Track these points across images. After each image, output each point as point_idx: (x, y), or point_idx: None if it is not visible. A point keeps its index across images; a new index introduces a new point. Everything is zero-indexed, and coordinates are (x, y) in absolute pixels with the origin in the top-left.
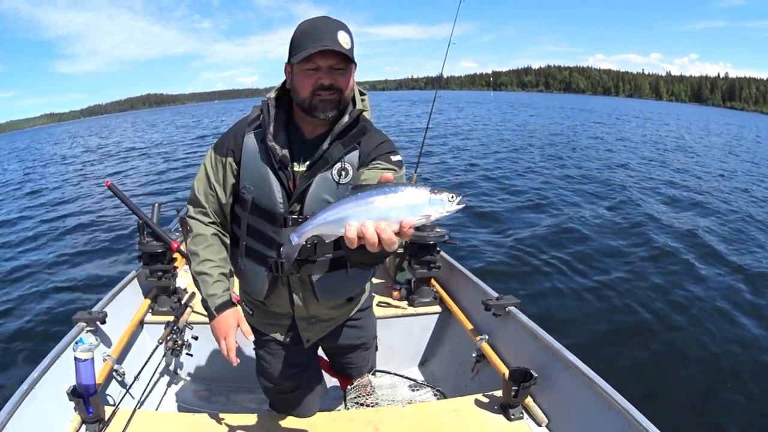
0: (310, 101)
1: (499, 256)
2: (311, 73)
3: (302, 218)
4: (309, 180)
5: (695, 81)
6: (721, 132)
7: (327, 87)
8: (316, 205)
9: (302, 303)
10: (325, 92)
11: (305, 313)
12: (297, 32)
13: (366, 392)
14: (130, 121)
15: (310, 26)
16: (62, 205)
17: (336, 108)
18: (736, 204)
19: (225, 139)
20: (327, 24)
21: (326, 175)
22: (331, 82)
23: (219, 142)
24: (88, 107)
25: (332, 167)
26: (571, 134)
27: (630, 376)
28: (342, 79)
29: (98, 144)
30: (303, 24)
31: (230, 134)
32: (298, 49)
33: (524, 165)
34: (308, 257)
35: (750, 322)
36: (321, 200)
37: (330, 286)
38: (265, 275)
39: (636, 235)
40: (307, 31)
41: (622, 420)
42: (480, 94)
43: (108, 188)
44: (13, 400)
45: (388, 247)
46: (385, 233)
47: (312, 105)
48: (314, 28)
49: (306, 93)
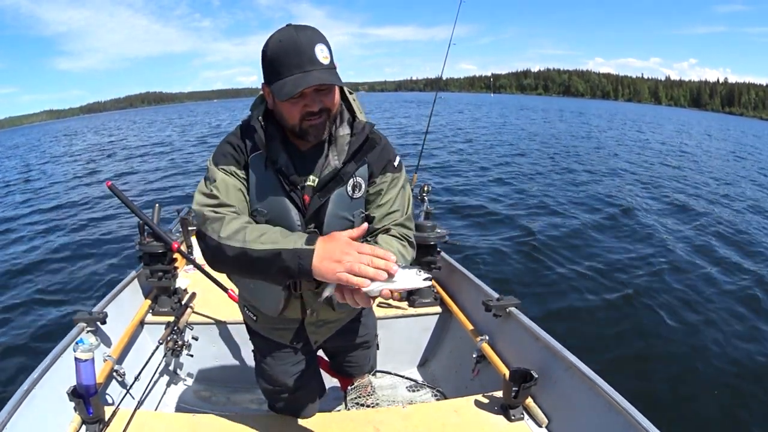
0: (300, 127)
1: (499, 257)
2: (296, 101)
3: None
4: (324, 197)
5: (694, 86)
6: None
7: (316, 112)
8: (335, 222)
9: (314, 312)
10: (314, 117)
11: (315, 319)
12: (269, 55)
13: (366, 393)
14: (129, 119)
15: (283, 47)
16: (62, 206)
17: (328, 128)
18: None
19: (226, 150)
20: (302, 42)
21: (341, 191)
22: (320, 107)
23: (217, 153)
24: (88, 104)
25: (346, 183)
26: (579, 138)
27: (631, 377)
28: (328, 99)
29: (97, 143)
30: (273, 43)
31: (230, 147)
32: (276, 77)
33: (532, 168)
34: None
35: (753, 324)
36: (339, 217)
37: None
38: (280, 292)
39: (639, 237)
40: (282, 55)
41: (622, 421)
42: (480, 97)
43: (108, 189)
44: (13, 400)
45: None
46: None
47: (302, 131)
48: (288, 50)
49: (294, 121)
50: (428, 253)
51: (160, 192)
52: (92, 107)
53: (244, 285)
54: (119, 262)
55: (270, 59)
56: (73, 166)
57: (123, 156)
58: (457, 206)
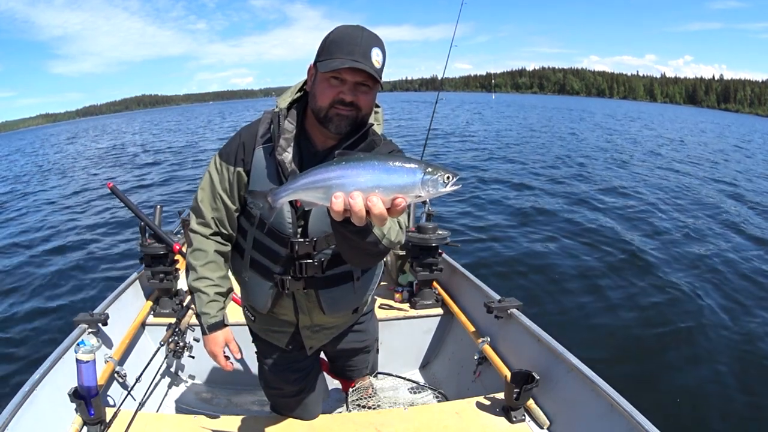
0: (327, 112)
1: (500, 259)
2: (335, 84)
3: (308, 241)
4: None
5: (690, 83)
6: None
7: (347, 103)
8: (319, 223)
9: (307, 314)
10: (343, 107)
11: (309, 323)
12: (330, 37)
13: (368, 394)
14: (125, 120)
15: (344, 35)
16: (62, 206)
17: (351, 125)
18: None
19: (233, 147)
20: (362, 37)
21: None
22: (353, 99)
23: (225, 149)
24: (84, 108)
25: None
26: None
27: (632, 379)
28: (364, 98)
29: (97, 146)
30: (338, 30)
31: (238, 142)
32: (327, 56)
33: (543, 171)
34: (315, 274)
35: (757, 325)
36: (325, 218)
37: (336, 299)
38: (270, 290)
39: (642, 240)
40: (341, 40)
41: (624, 423)
42: (480, 96)
43: (110, 190)
44: (14, 401)
45: (379, 222)
46: (376, 208)
47: (327, 117)
48: (349, 39)
49: (325, 103)
50: (429, 254)
51: (162, 189)
52: (88, 110)
53: (240, 279)
54: (120, 263)
55: (329, 41)
56: (74, 167)
57: (123, 156)
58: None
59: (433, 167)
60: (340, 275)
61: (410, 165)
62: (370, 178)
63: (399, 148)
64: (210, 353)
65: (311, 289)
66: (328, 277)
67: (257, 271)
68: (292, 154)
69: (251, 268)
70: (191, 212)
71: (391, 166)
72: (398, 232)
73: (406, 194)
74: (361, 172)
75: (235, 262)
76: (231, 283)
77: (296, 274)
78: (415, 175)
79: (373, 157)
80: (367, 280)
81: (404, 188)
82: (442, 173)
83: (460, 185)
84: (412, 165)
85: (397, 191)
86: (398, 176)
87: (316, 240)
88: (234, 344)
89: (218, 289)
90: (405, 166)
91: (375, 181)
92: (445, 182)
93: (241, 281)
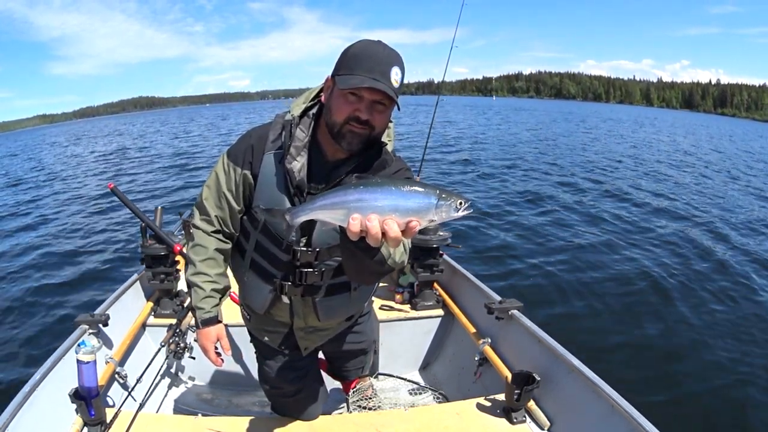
0: (340, 128)
1: (501, 260)
2: (353, 100)
3: (311, 250)
4: None
5: (686, 87)
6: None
7: (362, 121)
8: (324, 235)
9: (302, 318)
10: (358, 125)
11: (303, 325)
12: (351, 51)
13: (368, 395)
14: (124, 121)
15: (365, 52)
16: (63, 207)
17: (363, 143)
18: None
19: (241, 148)
20: (383, 55)
21: None
22: (368, 118)
23: (234, 149)
24: (81, 109)
25: None
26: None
27: (634, 380)
28: (379, 117)
29: (96, 147)
30: (360, 45)
31: (248, 144)
32: (347, 71)
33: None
34: (314, 283)
35: (759, 328)
36: (330, 230)
37: (332, 307)
38: (268, 293)
39: (644, 241)
40: (362, 56)
41: (625, 424)
42: (480, 100)
43: (110, 191)
44: (15, 401)
45: (393, 244)
46: (392, 231)
47: (341, 133)
48: (370, 56)
49: (340, 118)
50: (430, 255)
51: (164, 190)
52: (85, 112)
53: (239, 278)
54: (121, 264)
55: (350, 55)
56: (74, 167)
57: (122, 157)
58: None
59: (447, 193)
60: (339, 285)
61: (425, 190)
62: (388, 203)
63: (408, 166)
64: (201, 347)
65: (309, 296)
66: (327, 286)
67: (257, 272)
68: (301, 163)
69: (251, 269)
70: (195, 208)
71: (407, 191)
72: (402, 253)
73: (420, 218)
74: (379, 197)
75: (236, 261)
76: (229, 281)
77: (296, 281)
78: (430, 200)
79: (390, 182)
80: (364, 291)
81: (419, 212)
82: (455, 199)
83: (471, 210)
84: (427, 190)
85: (412, 215)
86: (414, 201)
87: (318, 251)
88: (225, 341)
89: (215, 286)
90: (420, 191)
91: (392, 206)
92: (458, 207)
93: (240, 281)
